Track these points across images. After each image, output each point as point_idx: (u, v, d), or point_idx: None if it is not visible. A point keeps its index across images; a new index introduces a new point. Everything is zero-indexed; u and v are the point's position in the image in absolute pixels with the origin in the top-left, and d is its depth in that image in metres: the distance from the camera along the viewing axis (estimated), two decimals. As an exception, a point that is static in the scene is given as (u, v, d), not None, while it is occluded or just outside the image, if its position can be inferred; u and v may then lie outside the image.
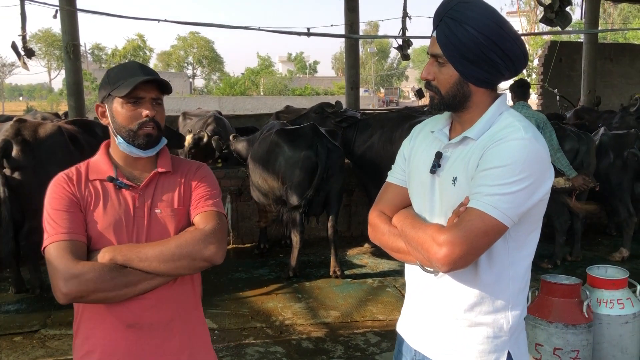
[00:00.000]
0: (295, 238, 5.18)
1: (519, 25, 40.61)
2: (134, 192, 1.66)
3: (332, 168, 5.15)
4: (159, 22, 7.91)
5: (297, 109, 9.06)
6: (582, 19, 10.89)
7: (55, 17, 7.27)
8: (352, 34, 9.19)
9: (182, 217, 1.69)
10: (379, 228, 1.62)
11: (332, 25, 9.54)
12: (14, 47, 7.22)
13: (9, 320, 4.30)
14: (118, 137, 1.65)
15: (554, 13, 7.43)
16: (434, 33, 1.47)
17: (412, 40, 9.20)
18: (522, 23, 42.00)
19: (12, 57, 50.39)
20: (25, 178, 4.50)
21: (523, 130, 1.40)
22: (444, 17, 1.44)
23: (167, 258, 1.55)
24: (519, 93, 5.28)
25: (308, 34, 8.14)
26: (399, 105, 35.13)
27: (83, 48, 38.43)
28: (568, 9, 7.63)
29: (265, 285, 5.09)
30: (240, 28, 8.13)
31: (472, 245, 1.34)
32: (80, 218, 1.60)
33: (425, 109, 7.12)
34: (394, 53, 49.75)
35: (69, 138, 4.85)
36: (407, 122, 5.69)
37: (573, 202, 5.18)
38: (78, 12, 7.49)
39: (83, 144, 4.89)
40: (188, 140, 6.55)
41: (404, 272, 1.68)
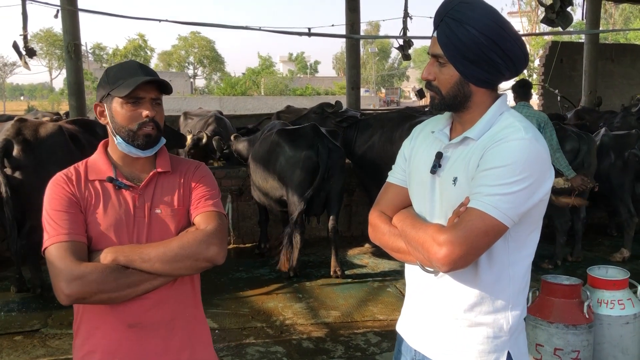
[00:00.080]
0: (296, 238, 5.19)
1: (520, 26, 40.60)
2: (134, 192, 1.66)
3: (333, 168, 5.14)
4: (160, 22, 7.91)
5: (298, 109, 9.06)
6: (583, 20, 10.86)
7: (57, 16, 7.26)
8: (353, 34, 9.18)
9: (182, 217, 1.69)
10: (380, 228, 1.62)
11: (333, 25, 9.53)
12: (15, 46, 7.22)
13: (10, 320, 4.31)
14: (117, 137, 1.64)
15: (555, 13, 7.43)
16: (435, 33, 1.47)
17: (413, 41, 9.18)
18: (523, 23, 41.97)
19: (13, 56, 50.53)
20: (26, 177, 4.51)
21: (523, 131, 1.40)
22: (445, 17, 1.44)
23: (169, 259, 1.55)
24: (521, 93, 5.29)
25: (309, 34, 8.14)
26: (400, 106, 35.13)
27: (84, 48, 38.55)
28: (569, 9, 7.62)
29: (266, 285, 5.09)
30: (242, 28, 8.12)
31: (472, 245, 1.34)
32: (81, 218, 1.59)
33: (426, 109, 7.12)
34: (395, 53, 49.73)
35: (70, 137, 4.86)
36: (407, 122, 5.69)
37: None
38: (79, 12, 7.48)
39: (84, 144, 4.90)
40: (188, 141, 6.56)
41: (404, 272, 1.68)
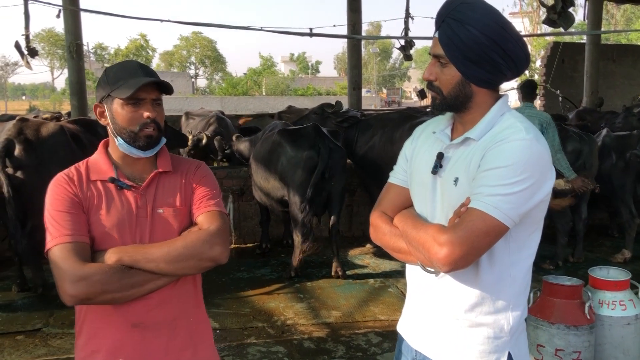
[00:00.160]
0: (297, 238, 5.18)
1: (522, 26, 40.54)
2: (136, 192, 1.66)
3: (334, 168, 5.13)
4: (162, 22, 7.93)
5: (299, 109, 9.07)
6: (584, 20, 10.85)
7: (59, 16, 7.27)
8: (354, 35, 9.17)
9: (184, 216, 1.69)
10: (381, 228, 1.62)
11: (334, 26, 9.57)
12: (17, 46, 7.23)
13: (12, 319, 4.31)
14: (118, 138, 1.64)
15: (557, 14, 7.42)
16: (436, 34, 1.47)
17: (414, 41, 9.18)
18: (524, 24, 41.91)
19: (15, 56, 50.65)
20: (28, 177, 4.51)
21: (524, 131, 1.40)
22: (446, 17, 1.44)
23: (173, 258, 1.56)
24: (525, 93, 5.27)
25: (310, 35, 8.14)
26: (401, 106, 35.10)
27: (86, 47, 38.54)
28: (571, 10, 7.61)
29: (267, 285, 5.09)
30: (243, 28, 8.13)
31: (472, 246, 1.34)
32: (83, 219, 1.59)
33: (427, 110, 7.12)
34: (397, 53, 49.69)
35: (71, 137, 4.87)
36: (408, 122, 5.69)
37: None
38: (81, 11, 7.49)
39: (85, 143, 4.90)
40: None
41: (405, 272, 1.68)
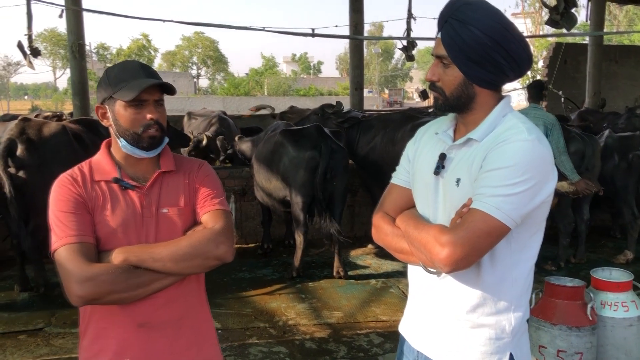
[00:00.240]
0: (299, 238, 5.18)
1: (524, 27, 40.46)
2: (140, 192, 1.66)
3: (336, 168, 5.13)
4: (164, 22, 7.92)
5: (301, 110, 9.06)
6: (587, 21, 10.84)
7: (61, 16, 7.29)
8: (356, 35, 9.17)
9: (188, 216, 1.70)
10: (383, 229, 1.62)
11: (336, 26, 9.51)
12: (20, 46, 7.25)
13: (14, 319, 4.32)
14: (121, 139, 1.64)
15: (560, 15, 7.40)
16: (439, 34, 1.47)
17: (416, 42, 9.18)
18: (526, 25, 41.83)
19: (17, 56, 50.73)
20: (30, 177, 4.52)
21: (526, 132, 1.40)
22: (449, 18, 1.44)
23: (180, 258, 1.56)
24: (533, 94, 5.25)
25: (313, 35, 8.14)
26: (403, 106, 35.11)
27: (88, 47, 38.57)
28: (573, 11, 7.60)
29: (269, 285, 5.10)
30: (245, 29, 8.14)
31: (474, 246, 1.34)
32: (88, 219, 1.59)
33: (430, 110, 7.11)
34: (399, 54, 49.78)
35: (74, 137, 4.88)
36: (409, 122, 5.68)
37: None
38: (84, 11, 7.51)
39: (87, 143, 4.92)
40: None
41: (407, 273, 1.68)
